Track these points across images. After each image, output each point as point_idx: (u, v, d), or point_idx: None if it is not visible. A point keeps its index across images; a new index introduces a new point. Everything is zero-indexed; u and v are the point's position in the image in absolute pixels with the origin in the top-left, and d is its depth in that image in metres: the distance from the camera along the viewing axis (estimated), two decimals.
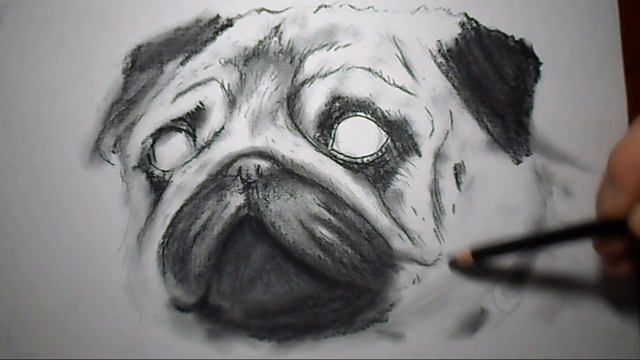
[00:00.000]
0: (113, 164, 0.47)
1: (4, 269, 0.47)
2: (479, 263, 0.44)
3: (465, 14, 0.46)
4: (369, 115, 0.44)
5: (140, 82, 0.47)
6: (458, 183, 0.44)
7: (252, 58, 0.46)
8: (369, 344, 0.44)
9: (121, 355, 0.45)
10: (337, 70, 0.45)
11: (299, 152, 0.44)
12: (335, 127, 0.44)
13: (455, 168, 0.45)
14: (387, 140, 0.44)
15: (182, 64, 0.47)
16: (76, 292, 0.46)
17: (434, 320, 0.44)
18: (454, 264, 0.44)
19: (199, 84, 0.46)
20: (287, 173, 0.44)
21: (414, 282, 0.44)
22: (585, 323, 0.44)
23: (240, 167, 0.44)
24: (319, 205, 0.43)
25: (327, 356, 0.44)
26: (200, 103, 0.45)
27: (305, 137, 0.44)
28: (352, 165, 0.44)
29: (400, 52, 0.45)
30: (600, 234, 0.40)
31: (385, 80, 0.45)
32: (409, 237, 0.44)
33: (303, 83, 0.45)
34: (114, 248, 0.46)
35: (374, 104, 0.44)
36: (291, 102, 0.45)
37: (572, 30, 0.46)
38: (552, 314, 0.44)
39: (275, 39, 0.46)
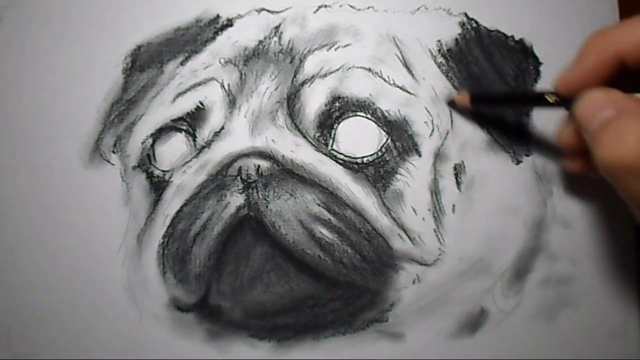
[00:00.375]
0: (113, 164, 0.47)
1: (4, 269, 0.47)
2: (475, 106, 0.44)
3: (465, 14, 0.46)
4: (369, 115, 0.44)
5: (140, 82, 0.47)
6: (458, 183, 0.44)
7: (252, 58, 0.46)
8: (369, 344, 0.44)
9: (121, 355, 0.45)
10: (337, 70, 0.45)
11: (299, 152, 0.44)
12: (335, 127, 0.44)
13: (455, 168, 0.45)
14: (387, 140, 0.44)
15: (182, 64, 0.47)
16: (76, 292, 0.46)
17: (434, 320, 0.45)
18: (451, 103, 0.44)
19: (199, 84, 0.46)
20: (287, 173, 0.44)
21: (414, 282, 0.44)
22: (585, 323, 0.44)
23: (240, 167, 0.44)
24: (319, 205, 0.43)
25: (327, 356, 0.44)
26: (200, 103, 0.45)
27: (305, 137, 0.44)
28: (352, 165, 0.44)
29: (400, 52, 0.45)
30: (548, 106, 0.39)
31: (385, 80, 0.45)
32: (409, 237, 0.44)
33: (303, 83, 0.45)
34: (114, 248, 0.46)
35: (374, 104, 0.44)
36: (291, 102, 0.45)
37: (572, 30, 0.46)
38: (552, 314, 0.44)
39: (275, 39, 0.46)
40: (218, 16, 0.47)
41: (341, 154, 0.44)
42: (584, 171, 0.41)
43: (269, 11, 0.47)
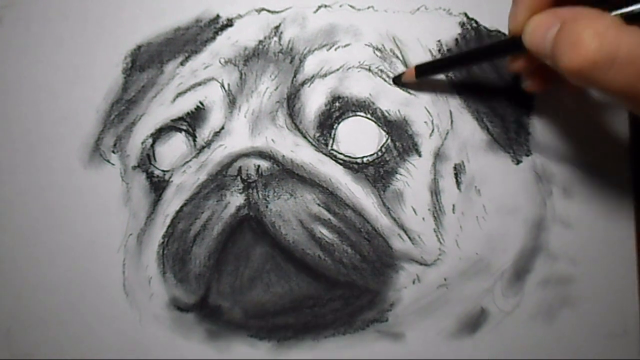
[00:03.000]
0: (113, 164, 0.47)
1: (4, 269, 0.47)
2: (421, 78, 0.44)
3: (465, 14, 0.46)
4: (368, 115, 0.44)
5: (140, 82, 0.47)
6: (458, 183, 0.44)
7: (252, 58, 0.46)
8: (368, 344, 0.45)
9: (121, 355, 0.45)
10: (337, 70, 0.45)
11: (299, 152, 0.44)
12: (335, 127, 0.44)
13: (455, 168, 0.45)
14: (387, 140, 0.44)
15: (182, 64, 0.47)
16: (76, 292, 0.46)
17: (434, 320, 0.45)
18: (398, 79, 0.44)
19: (199, 84, 0.46)
20: (287, 173, 0.44)
21: (413, 282, 0.44)
22: (584, 323, 0.44)
23: (240, 167, 0.44)
24: (318, 205, 0.43)
25: (327, 356, 0.44)
26: (200, 103, 0.45)
27: (305, 137, 0.44)
28: (352, 165, 0.44)
29: (400, 52, 0.45)
30: (505, 52, 0.40)
31: (385, 80, 0.45)
32: (409, 237, 0.44)
33: (303, 83, 0.45)
34: (114, 248, 0.46)
35: (373, 103, 0.44)
36: (291, 102, 0.45)
37: None
38: (551, 314, 0.44)
39: (275, 39, 0.46)
40: (218, 16, 0.47)
41: (341, 153, 0.44)
42: (542, 89, 0.41)
43: (269, 11, 0.47)
